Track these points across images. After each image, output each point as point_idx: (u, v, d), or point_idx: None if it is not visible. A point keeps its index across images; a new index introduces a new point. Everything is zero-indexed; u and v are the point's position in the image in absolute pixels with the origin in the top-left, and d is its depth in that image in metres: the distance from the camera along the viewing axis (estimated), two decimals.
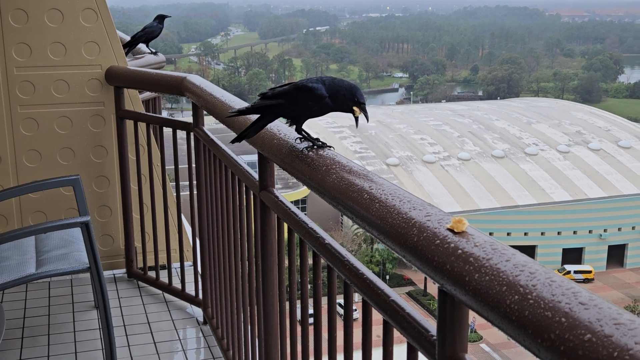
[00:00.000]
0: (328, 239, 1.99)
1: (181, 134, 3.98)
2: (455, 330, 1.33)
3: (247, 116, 2.51)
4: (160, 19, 5.31)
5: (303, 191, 51.06)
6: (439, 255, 1.30)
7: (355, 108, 1.99)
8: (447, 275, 1.26)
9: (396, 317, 1.54)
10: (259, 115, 2.21)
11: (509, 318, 1.07)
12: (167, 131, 4.17)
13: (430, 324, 1.45)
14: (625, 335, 0.89)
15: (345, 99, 2.00)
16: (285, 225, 2.40)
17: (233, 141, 2.33)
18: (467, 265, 1.22)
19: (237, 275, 3.18)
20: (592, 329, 0.92)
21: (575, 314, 0.97)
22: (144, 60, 5.22)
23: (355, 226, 44.72)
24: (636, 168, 58.35)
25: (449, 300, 1.31)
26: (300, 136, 2.18)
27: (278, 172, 2.56)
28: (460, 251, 1.26)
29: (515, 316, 1.06)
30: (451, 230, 1.35)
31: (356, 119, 1.99)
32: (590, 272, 50.34)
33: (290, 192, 50.27)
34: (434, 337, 1.39)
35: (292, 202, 2.45)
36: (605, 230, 53.49)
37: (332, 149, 2.11)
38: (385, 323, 1.62)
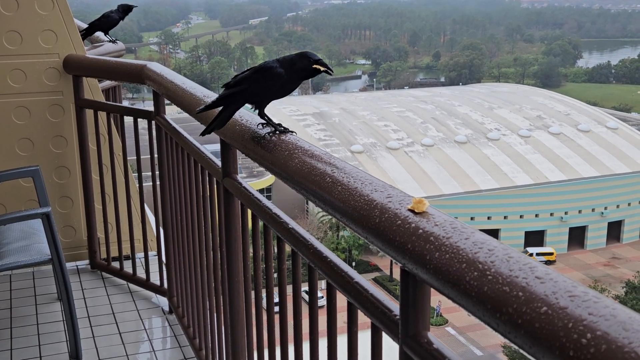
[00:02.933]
0: (292, 223, 1.99)
1: (142, 124, 3.94)
2: (417, 309, 1.35)
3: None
4: (124, 9, 5.18)
5: (268, 180, 50.95)
6: (401, 235, 1.32)
7: (316, 66, 2.01)
8: (408, 254, 1.28)
9: (360, 299, 1.56)
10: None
11: (469, 294, 1.09)
12: (128, 121, 4.12)
13: (394, 304, 1.47)
14: (580, 307, 0.91)
15: (303, 65, 2.03)
16: (250, 212, 2.40)
17: (203, 133, 2.32)
18: (427, 245, 1.24)
19: (202, 263, 3.17)
20: (548, 301, 0.95)
21: (531, 287, 0.99)
22: (103, 49, 5.13)
23: (321, 213, 44.90)
24: (595, 151, 59.51)
25: (411, 279, 1.33)
26: (263, 122, 2.18)
27: (244, 160, 2.56)
28: (421, 231, 1.28)
29: (474, 292, 1.08)
30: (412, 210, 1.36)
31: (325, 72, 2.02)
32: (552, 254, 51.33)
33: (255, 180, 50.11)
34: (397, 317, 1.41)
35: (257, 190, 2.45)
36: (566, 213, 54.53)
37: (294, 134, 2.12)
38: (349, 305, 1.63)
